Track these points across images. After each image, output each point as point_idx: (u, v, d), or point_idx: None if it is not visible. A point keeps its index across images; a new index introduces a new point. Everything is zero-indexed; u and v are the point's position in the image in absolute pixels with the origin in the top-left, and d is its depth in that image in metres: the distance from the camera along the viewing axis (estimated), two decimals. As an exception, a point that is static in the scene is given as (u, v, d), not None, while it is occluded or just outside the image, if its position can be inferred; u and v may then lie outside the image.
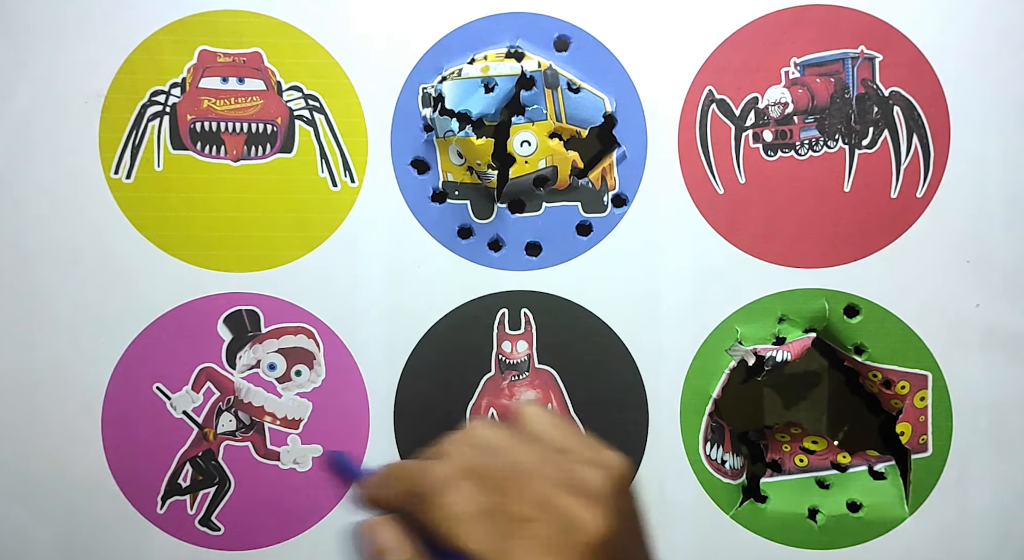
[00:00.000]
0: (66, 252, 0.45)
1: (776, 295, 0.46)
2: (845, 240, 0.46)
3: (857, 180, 0.46)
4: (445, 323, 0.46)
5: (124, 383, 0.46)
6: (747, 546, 0.46)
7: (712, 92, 0.45)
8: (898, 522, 0.46)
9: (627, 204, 0.46)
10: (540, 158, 0.45)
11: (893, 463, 0.47)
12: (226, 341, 0.46)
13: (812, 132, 0.45)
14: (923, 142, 0.45)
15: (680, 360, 0.46)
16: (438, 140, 0.45)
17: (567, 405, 0.47)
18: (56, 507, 0.46)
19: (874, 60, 0.45)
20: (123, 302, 0.45)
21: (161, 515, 0.46)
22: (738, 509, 0.47)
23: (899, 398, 0.46)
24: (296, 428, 0.46)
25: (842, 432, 0.51)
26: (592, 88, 0.45)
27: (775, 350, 0.45)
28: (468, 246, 0.46)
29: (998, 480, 0.46)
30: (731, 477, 0.47)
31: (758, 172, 0.46)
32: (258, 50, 0.45)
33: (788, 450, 0.48)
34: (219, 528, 0.46)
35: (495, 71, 0.44)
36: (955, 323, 0.46)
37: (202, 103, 0.45)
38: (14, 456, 0.45)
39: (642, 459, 0.46)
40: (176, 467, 0.46)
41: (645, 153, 0.46)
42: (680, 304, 0.46)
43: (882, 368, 0.46)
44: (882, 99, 0.45)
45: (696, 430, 0.46)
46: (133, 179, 0.45)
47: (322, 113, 0.46)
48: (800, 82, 0.45)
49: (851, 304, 0.46)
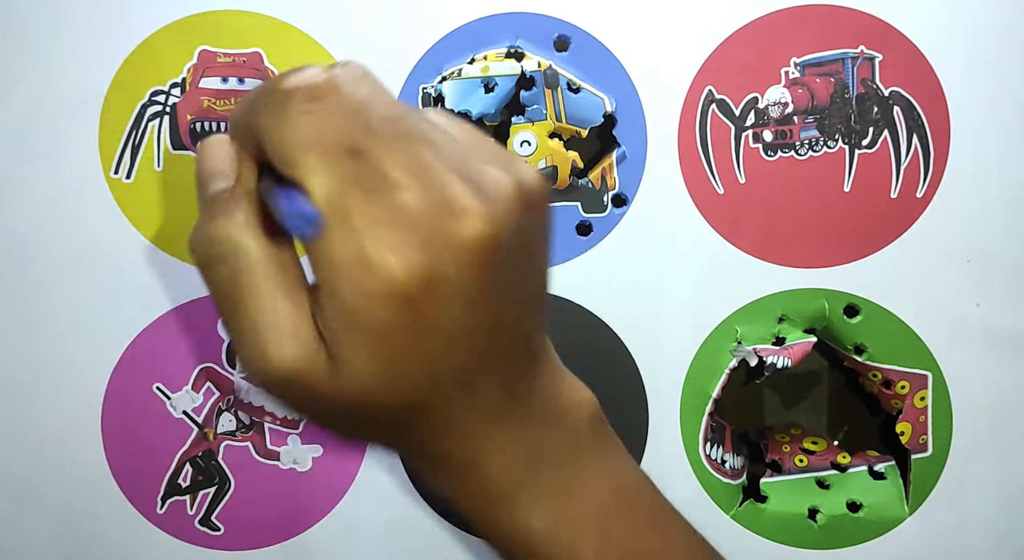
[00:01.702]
0: (66, 252, 0.45)
1: (776, 295, 0.46)
2: (845, 240, 0.46)
3: (857, 180, 0.46)
4: (445, 323, 0.46)
5: (124, 383, 0.46)
6: (747, 546, 0.46)
7: (712, 92, 0.45)
8: (898, 522, 0.46)
9: (627, 204, 0.46)
10: (540, 158, 0.45)
11: (893, 463, 0.47)
12: (226, 341, 0.46)
13: (812, 132, 0.45)
14: (923, 142, 0.45)
15: (680, 360, 0.46)
16: (438, 140, 0.45)
17: (567, 405, 0.47)
18: (56, 507, 0.46)
19: (874, 60, 0.45)
20: (123, 302, 0.45)
21: (161, 515, 0.46)
22: (738, 509, 0.47)
23: (899, 398, 0.46)
24: (296, 428, 0.46)
25: (842, 432, 0.51)
26: (592, 88, 0.45)
27: (775, 356, 0.45)
28: (468, 246, 0.46)
29: (998, 480, 0.46)
30: (731, 477, 0.47)
31: (758, 172, 0.46)
32: (258, 50, 0.45)
33: (788, 450, 0.48)
34: (219, 528, 0.46)
35: (495, 71, 0.44)
36: (955, 323, 0.46)
37: (202, 103, 0.45)
38: (14, 456, 0.45)
39: (642, 459, 0.46)
40: (176, 467, 0.46)
41: (645, 153, 0.46)
42: (680, 304, 0.46)
43: (882, 368, 0.46)
44: (882, 99, 0.45)
45: (696, 430, 0.46)
46: (133, 179, 0.45)
47: (322, 113, 0.46)
48: (800, 82, 0.45)
49: (851, 304, 0.46)
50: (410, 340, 0.20)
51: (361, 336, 0.20)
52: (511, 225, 0.20)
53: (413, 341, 0.20)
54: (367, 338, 0.20)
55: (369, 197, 0.19)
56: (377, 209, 0.19)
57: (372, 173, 0.20)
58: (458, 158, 0.21)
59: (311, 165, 0.20)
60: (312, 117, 0.20)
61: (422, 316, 0.20)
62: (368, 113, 0.20)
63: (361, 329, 0.20)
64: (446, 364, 0.21)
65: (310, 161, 0.20)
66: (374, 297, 0.19)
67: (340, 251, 0.19)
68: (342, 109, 0.20)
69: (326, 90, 0.20)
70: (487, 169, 0.21)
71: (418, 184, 0.20)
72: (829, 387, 0.51)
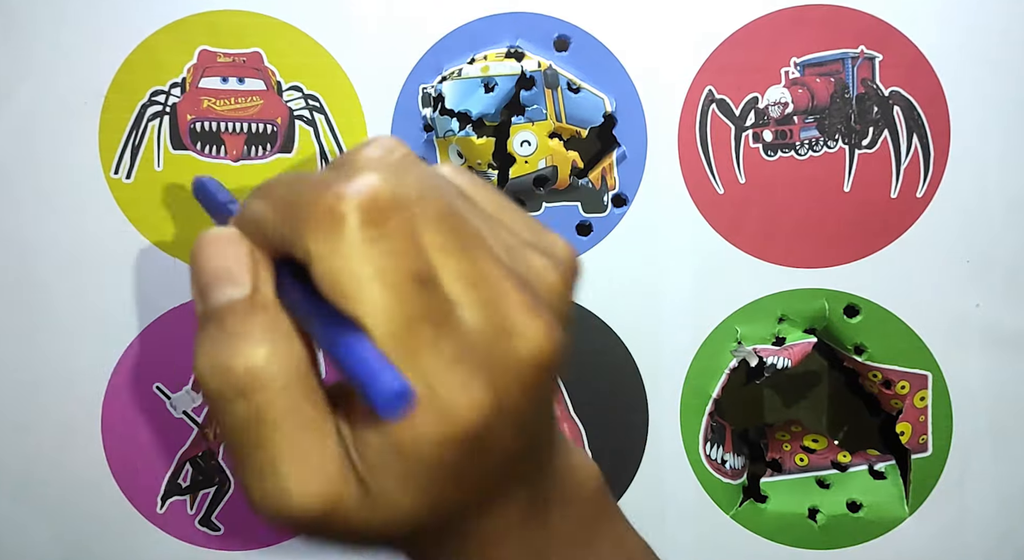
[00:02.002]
0: (66, 252, 0.45)
1: (776, 295, 0.46)
2: (845, 240, 0.46)
3: (857, 180, 0.46)
4: (445, 323, 0.46)
5: (124, 383, 0.46)
6: (747, 546, 0.46)
7: (712, 92, 0.45)
8: (898, 522, 0.46)
9: (627, 204, 0.46)
10: (540, 158, 0.45)
11: (893, 462, 0.47)
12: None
13: (812, 132, 0.45)
14: (923, 142, 0.45)
15: (680, 360, 0.46)
16: (438, 140, 0.45)
17: (567, 405, 0.47)
18: (56, 507, 0.46)
19: (874, 60, 0.45)
20: (123, 302, 0.45)
21: (161, 515, 0.46)
22: (738, 509, 0.47)
23: (899, 398, 0.46)
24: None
25: (842, 432, 0.51)
26: (592, 88, 0.45)
27: (775, 357, 0.45)
28: (468, 246, 0.46)
29: (998, 480, 0.46)
30: (731, 477, 0.47)
31: (758, 172, 0.46)
32: (258, 50, 0.45)
33: (788, 449, 0.48)
34: (219, 528, 0.46)
35: (495, 71, 0.44)
36: (955, 323, 0.46)
37: (202, 103, 0.45)
38: (14, 456, 0.45)
39: (642, 459, 0.46)
40: (176, 467, 0.46)
41: (645, 153, 0.46)
42: (680, 304, 0.46)
43: (882, 368, 0.46)
44: (882, 99, 0.45)
45: (696, 430, 0.46)
46: (133, 179, 0.45)
47: (322, 113, 0.46)
48: (800, 82, 0.45)
49: (851, 304, 0.46)
50: (465, 475, 0.19)
51: (415, 478, 0.18)
52: (564, 329, 0.19)
53: (468, 475, 0.19)
54: (421, 478, 0.18)
55: (439, 331, 0.17)
56: (444, 343, 0.17)
57: (440, 301, 0.18)
58: (503, 247, 0.19)
59: (375, 301, 0.17)
60: (377, 248, 0.17)
61: (486, 453, 0.18)
62: (427, 224, 0.18)
63: (418, 472, 0.18)
64: (491, 488, 0.20)
65: (375, 296, 0.17)
66: (443, 443, 0.18)
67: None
68: (407, 231, 0.18)
69: (389, 209, 0.18)
70: (535, 261, 0.20)
71: (478, 299, 0.18)
72: (829, 387, 0.51)
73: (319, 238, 0.17)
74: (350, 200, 0.17)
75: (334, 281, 0.17)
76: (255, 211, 0.19)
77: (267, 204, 0.19)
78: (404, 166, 0.19)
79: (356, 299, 0.17)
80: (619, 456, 0.46)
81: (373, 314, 0.17)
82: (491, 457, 0.19)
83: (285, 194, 0.19)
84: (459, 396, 0.17)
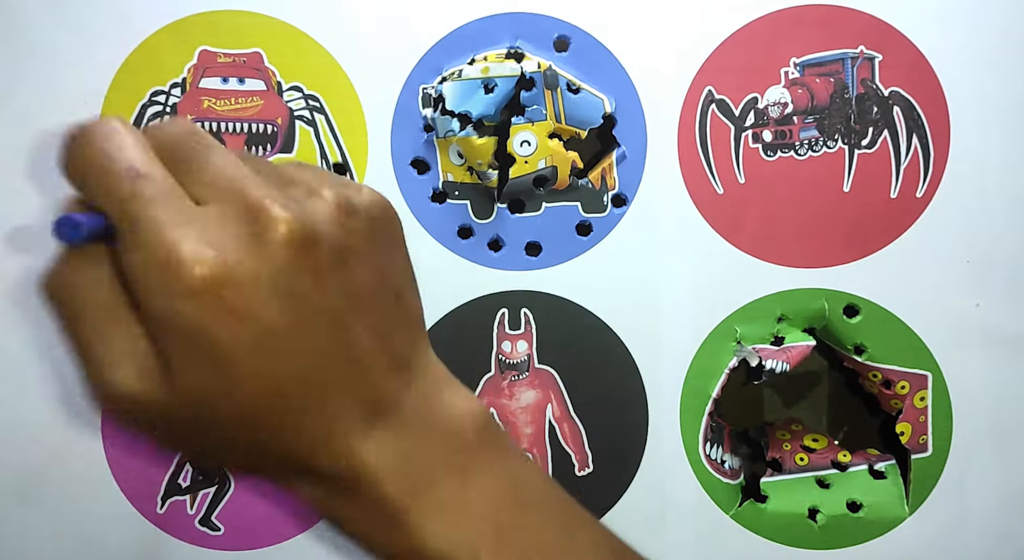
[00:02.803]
0: (66, 252, 0.45)
1: (776, 295, 0.46)
2: (845, 240, 0.46)
3: (857, 180, 0.46)
4: (445, 323, 0.46)
5: (124, 383, 0.46)
6: (747, 546, 0.46)
7: (712, 92, 0.45)
8: (898, 522, 0.46)
9: (627, 204, 0.46)
10: (540, 158, 0.45)
11: (893, 462, 0.47)
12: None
13: (812, 132, 0.45)
14: (923, 142, 0.45)
15: (680, 360, 0.46)
16: (438, 140, 0.45)
17: (567, 405, 0.47)
18: (56, 507, 0.46)
19: (874, 60, 0.45)
20: (123, 302, 0.45)
21: (161, 515, 0.46)
22: (738, 509, 0.47)
23: (899, 398, 0.46)
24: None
25: (842, 432, 0.51)
26: (592, 88, 0.45)
27: (773, 361, 0.45)
28: (468, 246, 0.46)
29: (998, 480, 0.46)
30: (731, 477, 0.47)
31: (758, 172, 0.46)
32: (258, 50, 0.45)
33: (788, 448, 0.48)
34: (219, 528, 0.46)
35: (495, 72, 0.44)
36: (955, 323, 0.46)
37: (202, 103, 0.45)
38: (14, 456, 0.45)
39: (642, 459, 0.46)
40: (176, 467, 0.46)
41: (645, 153, 0.46)
42: (680, 304, 0.46)
43: (882, 368, 0.46)
44: (882, 99, 0.45)
45: (696, 430, 0.46)
46: (133, 179, 0.45)
47: (322, 113, 0.46)
48: (800, 82, 0.45)
49: (851, 304, 0.46)
50: (230, 339, 0.20)
51: (177, 338, 0.20)
52: (329, 228, 0.21)
53: (233, 340, 0.20)
54: (183, 339, 0.20)
55: (168, 208, 0.20)
56: (177, 216, 0.20)
57: (171, 187, 0.21)
58: (276, 184, 0.22)
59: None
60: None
61: (231, 310, 0.20)
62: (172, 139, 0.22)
63: (174, 331, 0.20)
64: (282, 367, 0.21)
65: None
66: (176, 295, 0.19)
67: (140, 257, 0.20)
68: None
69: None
70: (311, 190, 0.22)
71: (217, 193, 0.21)
72: (829, 387, 0.51)
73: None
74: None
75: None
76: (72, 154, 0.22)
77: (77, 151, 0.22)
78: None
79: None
80: (619, 456, 0.46)
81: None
82: (256, 325, 0.20)
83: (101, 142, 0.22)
84: (184, 253, 0.19)
